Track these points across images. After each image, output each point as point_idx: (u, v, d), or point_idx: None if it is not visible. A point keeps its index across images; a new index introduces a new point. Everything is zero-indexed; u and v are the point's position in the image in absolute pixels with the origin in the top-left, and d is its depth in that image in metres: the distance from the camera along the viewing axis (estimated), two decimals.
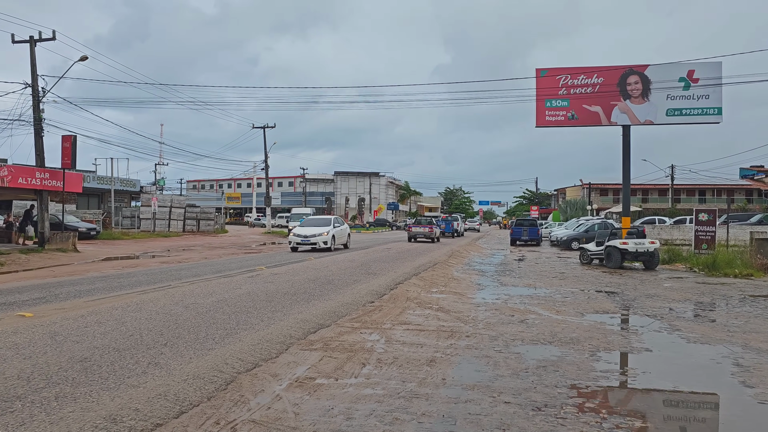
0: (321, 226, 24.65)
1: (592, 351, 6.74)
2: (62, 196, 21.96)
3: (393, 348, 6.62)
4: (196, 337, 6.57)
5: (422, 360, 6.11)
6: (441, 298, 10.89)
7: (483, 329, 7.91)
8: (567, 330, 7.96)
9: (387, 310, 9.22)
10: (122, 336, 6.47)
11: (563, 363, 6.12)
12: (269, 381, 5.18)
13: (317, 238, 23.40)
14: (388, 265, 16.95)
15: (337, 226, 25.23)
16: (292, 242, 23.97)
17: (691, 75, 23.50)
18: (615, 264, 18.20)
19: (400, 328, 7.78)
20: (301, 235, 23.68)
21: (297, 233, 24.07)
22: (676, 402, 5.14)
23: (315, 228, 24.21)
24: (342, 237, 25.79)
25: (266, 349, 6.23)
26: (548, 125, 24.42)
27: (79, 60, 20.86)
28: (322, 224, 24.97)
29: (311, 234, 23.55)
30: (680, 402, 5.15)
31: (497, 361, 6.18)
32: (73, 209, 36.56)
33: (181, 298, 9.29)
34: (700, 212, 20.78)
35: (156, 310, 8.15)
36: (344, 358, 6.09)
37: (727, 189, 66.08)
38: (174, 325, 7.13)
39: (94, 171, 53.96)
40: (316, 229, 24.10)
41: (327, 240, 23.59)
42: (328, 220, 25.85)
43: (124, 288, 10.95)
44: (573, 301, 10.82)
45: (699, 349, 6.99)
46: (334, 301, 9.80)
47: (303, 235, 23.63)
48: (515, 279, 14.73)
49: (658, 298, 11.46)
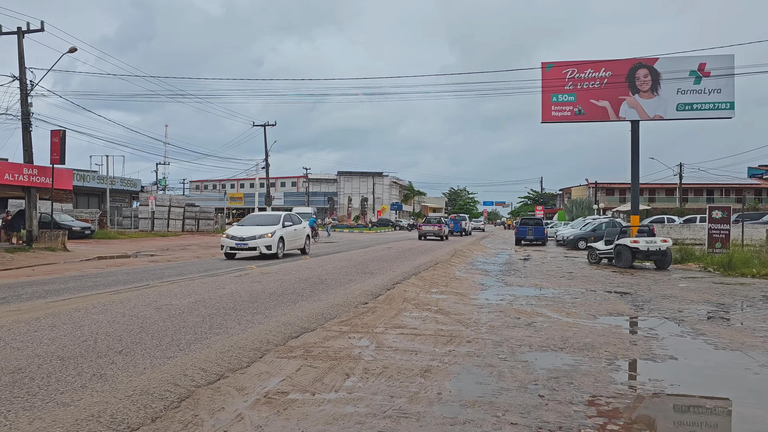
0: (266, 225, 18.81)
1: (610, 359, 5.93)
2: (51, 193, 21.22)
3: (383, 355, 5.82)
4: (159, 343, 5.79)
5: (416, 370, 5.31)
6: (441, 299, 10.09)
7: (486, 333, 7.12)
8: (579, 334, 7.15)
9: (381, 311, 8.43)
10: (73, 342, 5.69)
11: (577, 373, 5.32)
12: (232, 397, 4.39)
13: (258, 241, 17.71)
14: (387, 265, 16.16)
15: (288, 225, 19.39)
16: (225, 246, 18.03)
17: (702, 68, 22.63)
18: (625, 263, 17.35)
19: (393, 333, 6.98)
20: (237, 237, 17.89)
21: (232, 234, 18.20)
22: (716, 424, 4.33)
23: (257, 228, 18.41)
24: (296, 239, 19.91)
25: (237, 357, 5.44)
26: (554, 121, 23.58)
27: (68, 51, 20.16)
28: (268, 222, 19.07)
29: (250, 236, 17.81)
30: (721, 424, 4.33)
31: (502, 371, 5.38)
32: (70, 208, 35.91)
33: (156, 299, 8.51)
34: (713, 210, 19.90)
35: (123, 312, 7.38)
36: (326, 367, 5.30)
37: (736, 188, 65.01)
38: (138, 329, 6.35)
39: (96, 171, 53.41)
40: (258, 229, 18.31)
41: (271, 244, 17.93)
42: (276, 217, 19.73)
43: (98, 288, 10.18)
44: (584, 303, 10.00)
45: (730, 357, 6.17)
46: (324, 302, 9.00)
47: (239, 237, 17.85)
48: (521, 279, 13.92)
49: (675, 299, 10.63)
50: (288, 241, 19.08)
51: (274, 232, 18.18)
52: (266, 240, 17.88)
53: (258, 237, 17.82)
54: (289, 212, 20.68)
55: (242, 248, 17.78)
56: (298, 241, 20.04)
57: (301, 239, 20.20)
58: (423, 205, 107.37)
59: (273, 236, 18.07)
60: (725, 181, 62.21)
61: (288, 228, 19.25)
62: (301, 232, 20.28)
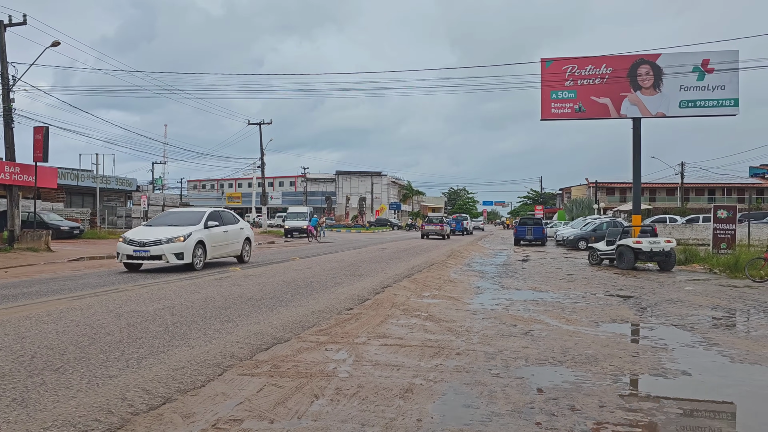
0: (181, 225, 14.05)
1: (615, 375, 5.28)
2: (35, 191, 20.55)
3: (361, 371, 5.17)
4: (106, 357, 5.12)
5: (395, 390, 4.66)
6: (432, 303, 9.43)
7: (478, 344, 6.46)
8: (581, 345, 6.50)
9: (366, 318, 7.77)
10: (7, 357, 5.02)
11: (580, 394, 4.66)
12: (174, 427, 3.73)
13: (164, 247, 13.05)
14: (380, 266, 15.50)
15: (213, 225, 14.48)
16: (121, 254, 13.42)
17: (705, 64, 21.96)
18: (627, 265, 16.69)
19: (375, 343, 6.32)
20: (137, 242, 13.26)
21: (131, 237, 13.54)
22: None
23: (167, 229, 13.72)
24: (228, 244, 15.25)
25: (191, 375, 4.77)
26: (554, 118, 22.91)
27: (50, 45, 19.49)
28: (185, 222, 14.23)
29: (153, 240, 13.19)
30: None
31: (493, 390, 4.72)
32: (60, 207, 35.25)
33: (120, 305, 7.85)
34: (718, 209, 19.24)
35: (78, 320, 6.71)
36: (293, 387, 4.64)
37: (737, 188, 64.36)
38: (87, 341, 5.69)
39: (91, 170, 52.73)
40: (167, 231, 13.60)
41: (183, 251, 13.25)
42: (197, 214, 14.75)
43: (62, 292, 9.49)
44: (585, 308, 9.35)
45: (750, 373, 5.52)
46: (305, 307, 8.34)
47: (139, 242, 13.23)
48: (518, 281, 13.26)
49: (682, 303, 9.97)
50: (213, 247, 14.23)
51: (188, 235, 13.31)
52: (175, 246, 13.11)
53: (165, 242, 13.08)
54: (219, 209, 16.09)
55: (142, 257, 13.05)
56: (231, 246, 15.36)
57: (235, 244, 15.54)
58: (422, 204, 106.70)
59: (186, 240, 13.24)
60: (726, 181, 61.54)
61: (213, 229, 14.34)
62: (234, 234, 15.49)
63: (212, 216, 14.75)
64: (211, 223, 14.43)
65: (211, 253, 14.35)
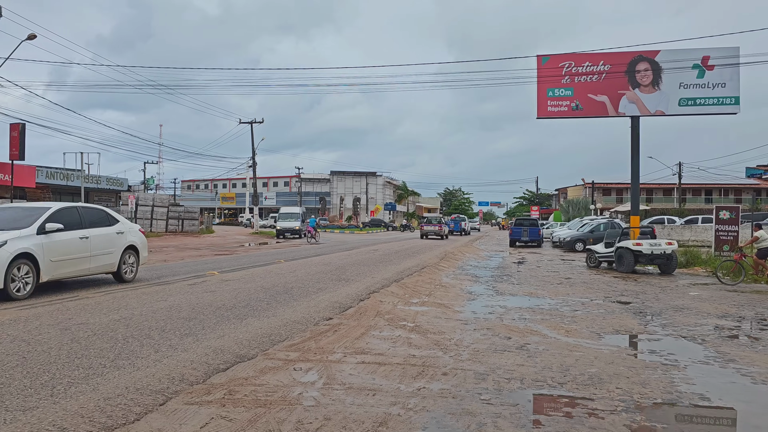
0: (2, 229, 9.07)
1: (624, 400, 4.58)
2: (11, 191, 19.73)
3: (330, 398, 4.44)
4: (30, 384, 4.38)
5: (368, 422, 3.94)
6: (420, 312, 8.72)
7: (468, 361, 5.75)
8: (583, 362, 5.79)
9: (345, 330, 7.05)
10: None
11: (584, 427, 3.96)
12: None
13: None
14: (368, 269, 14.76)
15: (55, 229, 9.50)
16: None
17: (705, 61, 21.31)
18: (627, 268, 16.01)
19: (352, 361, 5.60)
20: None
21: None
22: None
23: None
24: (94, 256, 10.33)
25: (125, 406, 4.03)
26: (550, 116, 22.20)
27: (26, 39, 18.68)
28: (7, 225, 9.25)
29: None
30: None
31: (483, 422, 4.01)
32: None
33: (73, 315, 7.10)
34: (720, 210, 18.60)
35: (16, 335, 5.95)
36: (246, 420, 3.91)
37: (735, 188, 63.88)
38: (16, 362, 4.94)
39: (83, 170, 51.84)
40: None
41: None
42: (33, 212, 9.84)
43: (10, 301, 8.67)
44: (585, 316, 8.65)
45: None
46: (279, 317, 7.61)
47: None
48: (514, 286, 12.55)
49: (689, 311, 9.28)
50: (54, 262, 9.44)
51: (3, 243, 8.58)
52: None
53: None
54: (78, 205, 11.01)
55: None
56: (97, 259, 10.49)
57: (105, 256, 10.70)
58: (417, 205, 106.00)
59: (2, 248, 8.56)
60: (723, 181, 61.04)
61: (58, 235, 9.59)
62: (102, 242, 10.62)
63: (58, 215, 9.76)
64: (54, 225, 9.46)
65: (53, 271, 9.48)
